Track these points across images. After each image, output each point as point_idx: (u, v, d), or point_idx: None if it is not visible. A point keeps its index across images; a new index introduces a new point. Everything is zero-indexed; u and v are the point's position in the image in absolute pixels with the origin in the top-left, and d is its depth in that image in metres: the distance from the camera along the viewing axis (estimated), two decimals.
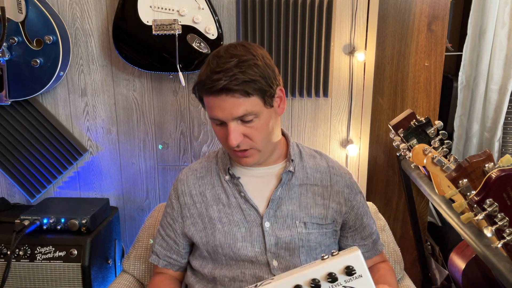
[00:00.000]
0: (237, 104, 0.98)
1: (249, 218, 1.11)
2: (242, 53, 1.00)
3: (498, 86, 1.89)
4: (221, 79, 0.96)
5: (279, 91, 1.07)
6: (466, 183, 0.91)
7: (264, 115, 1.03)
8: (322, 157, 1.21)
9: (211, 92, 0.99)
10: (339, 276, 0.82)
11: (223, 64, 0.97)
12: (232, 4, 1.63)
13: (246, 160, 1.08)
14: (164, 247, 1.20)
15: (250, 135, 1.03)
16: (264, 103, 1.02)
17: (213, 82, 0.97)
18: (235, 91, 0.97)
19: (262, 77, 1.00)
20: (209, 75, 0.98)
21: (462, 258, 1.67)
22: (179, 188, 1.19)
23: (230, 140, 1.01)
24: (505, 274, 0.89)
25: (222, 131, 1.04)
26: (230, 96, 0.97)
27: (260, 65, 1.00)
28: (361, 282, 0.82)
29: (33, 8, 1.55)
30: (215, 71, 0.97)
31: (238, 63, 0.98)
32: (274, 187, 1.13)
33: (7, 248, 1.50)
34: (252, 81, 0.98)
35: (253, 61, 0.99)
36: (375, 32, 1.63)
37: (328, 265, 0.83)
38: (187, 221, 1.15)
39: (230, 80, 0.96)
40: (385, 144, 1.82)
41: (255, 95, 1.00)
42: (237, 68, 0.97)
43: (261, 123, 1.03)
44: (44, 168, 1.79)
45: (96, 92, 1.74)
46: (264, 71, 1.00)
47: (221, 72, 0.96)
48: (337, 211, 1.14)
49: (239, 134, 1.01)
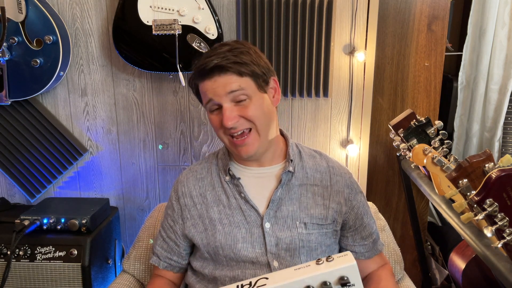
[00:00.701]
0: (230, 81, 1.01)
1: (250, 219, 1.11)
2: (234, 44, 1.06)
3: (498, 86, 1.89)
4: (213, 59, 1.00)
5: (273, 82, 1.10)
6: (466, 183, 0.91)
7: (258, 98, 1.05)
8: (322, 157, 1.21)
9: (205, 74, 1.02)
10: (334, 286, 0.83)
11: (216, 50, 1.03)
12: (232, 4, 1.63)
13: (246, 149, 1.06)
14: (165, 248, 1.20)
15: (245, 114, 1.03)
16: (258, 87, 1.05)
17: (206, 62, 1.01)
18: (227, 68, 1.00)
19: (253, 63, 1.04)
20: (201, 61, 1.03)
21: (462, 258, 1.67)
22: (179, 189, 1.19)
23: (225, 120, 1.01)
24: (505, 274, 0.89)
25: (217, 118, 1.05)
26: (223, 74, 1.01)
27: (252, 54, 1.05)
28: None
29: (33, 8, 1.55)
30: (208, 55, 1.03)
31: (230, 49, 1.03)
32: (274, 188, 1.13)
33: (7, 248, 1.50)
34: (244, 63, 1.02)
35: (245, 49, 1.05)
36: (375, 32, 1.63)
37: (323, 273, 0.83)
38: (188, 222, 1.15)
39: (222, 59, 1.00)
40: (385, 144, 1.82)
41: (247, 76, 1.03)
42: (229, 52, 1.02)
43: (256, 105, 1.04)
44: (44, 168, 1.79)
45: (96, 92, 1.74)
46: (255, 59, 1.05)
47: (213, 56, 1.01)
48: (337, 211, 1.14)
49: (234, 114, 1.03)
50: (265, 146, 1.10)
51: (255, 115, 1.04)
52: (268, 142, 1.10)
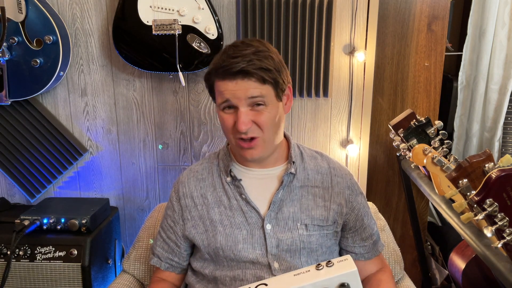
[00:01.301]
0: (252, 87, 1.00)
1: (251, 221, 1.10)
2: (258, 45, 1.04)
3: (498, 86, 1.89)
4: (239, 62, 0.99)
5: (287, 89, 1.10)
6: (466, 183, 0.91)
7: (273, 106, 1.05)
8: (323, 158, 1.21)
9: (227, 74, 1.00)
10: None
11: (240, 51, 1.00)
12: (232, 4, 1.63)
13: (251, 152, 1.06)
14: (166, 249, 1.20)
15: (259, 122, 1.03)
16: (276, 95, 1.05)
17: (230, 64, 0.99)
18: (252, 74, 0.99)
19: (276, 69, 1.03)
20: (226, 60, 1.00)
21: (462, 258, 1.67)
22: (180, 190, 1.18)
23: (240, 124, 1.01)
24: (505, 274, 0.89)
25: (230, 118, 1.04)
26: (246, 79, 1.00)
27: (275, 59, 1.04)
28: None
29: (33, 8, 1.55)
30: (232, 56, 1.00)
31: (255, 51, 1.01)
32: (275, 189, 1.13)
33: (7, 248, 1.50)
34: (267, 70, 1.01)
35: (268, 53, 1.03)
36: (375, 32, 1.63)
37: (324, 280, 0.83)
38: (188, 223, 1.15)
39: (248, 64, 0.99)
40: (385, 144, 1.82)
41: (269, 84, 1.02)
42: (254, 56, 1.00)
43: (271, 114, 1.04)
44: (44, 168, 1.79)
45: (96, 92, 1.74)
46: (277, 64, 1.04)
47: (239, 57, 0.99)
48: (338, 212, 1.13)
49: (248, 119, 1.02)
50: (270, 151, 1.11)
51: (267, 124, 1.04)
52: (273, 147, 1.11)
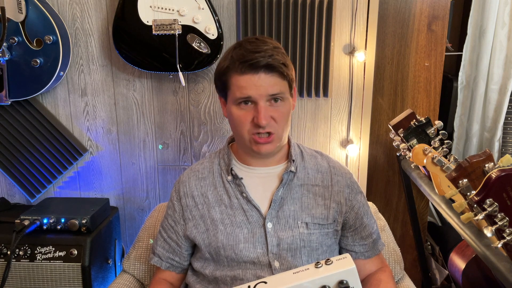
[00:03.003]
0: (274, 82, 1.02)
1: (252, 219, 1.11)
2: (273, 42, 1.05)
3: (498, 86, 1.89)
4: (263, 56, 0.99)
5: (293, 89, 1.12)
6: (466, 183, 0.91)
7: (288, 101, 1.07)
8: (323, 158, 1.21)
9: (251, 68, 1.00)
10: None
11: (260, 46, 1.01)
12: (232, 4, 1.63)
13: (267, 147, 1.06)
14: (167, 249, 1.19)
15: (277, 117, 1.04)
16: (290, 91, 1.07)
17: (255, 58, 0.99)
18: (275, 69, 1.01)
19: (290, 66, 1.06)
20: (248, 55, 1.00)
21: (462, 258, 1.67)
22: (180, 189, 1.18)
23: (261, 119, 1.01)
24: (505, 274, 0.89)
25: (247, 115, 1.04)
26: (270, 75, 1.01)
27: (287, 58, 1.07)
28: None
29: (33, 8, 1.55)
30: (253, 50, 1.00)
31: (273, 47, 1.02)
32: (275, 188, 1.13)
33: (7, 248, 1.50)
34: (286, 66, 1.04)
35: (283, 50, 1.06)
36: (375, 32, 1.63)
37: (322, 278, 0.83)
38: (189, 223, 1.15)
39: (272, 58, 1.00)
40: (385, 144, 1.82)
41: (286, 80, 1.05)
42: (274, 51, 1.01)
43: (286, 109, 1.06)
44: (44, 168, 1.79)
45: (96, 92, 1.74)
46: (290, 63, 1.08)
47: (261, 52, 0.99)
48: (338, 210, 1.14)
49: (268, 115, 1.03)
50: (280, 148, 1.13)
51: (283, 119, 1.06)
52: (283, 144, 1.12)
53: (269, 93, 1.01)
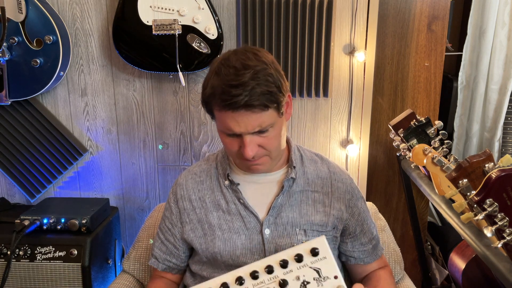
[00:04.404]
0: (255, 118, 0.96)
1: (249, 225, 1.10)
2: (255, 63, 0.97)
3: (498, 86, 1.89)
4: (241, 94, 0.92)
5: (287, 97, 1.05)
6: (466, 183, 0.91)
7: (278, 124, 1.02)
8: (323, 162, 1.19)
9: (229, 108, 0.95)
10: (305, 256, 0.92)
11: (239, 77, 0.93)
12: (232, 4, 1.63)
13: (257, 168, 1.06)
14: (164, 251, 1.19)
15: (265, 145, 1.01)
16: (278, 113, 1.01)
17: (232, 97, 0.93)
18: (255, 106, 0.95)
19: (276, 86, 0.97)
20: (226, 89, 0.94)
21: (462, 258, 1.67)
22: (178, 192, 1.17)
23: (247, 152, 0.98)
24: (505, 274, 0.89)
25: (234, 143, 1.01)
26: (250, 111, 0.95)
27: (273, 74, 0.98)
28: (325, 263, 0.92)
29: (33, 8, 1.55)
30: (231, 84, 0.93)
31: (253, 75, 0.94)
32: (275, 194, 1.11)
33: (7, 248, 1.50)
34: (269, 93, 0.96)
35: (267, 70, 0.97)
36: (375, 32, 1.63)
37: (296, 248, 0.94)
38: (187, 226, 1.14)
39: (250, 95, 0.93)
40: (385, 144, 1.82)
41: (272, 108, 0.97)
42: (254, 81, 0.94)
43: (275, 133, 1.02)
44: (44, 168, 1.79)
45: (96, 92, 1.74)
46: (276, 80, 0.98)
47: (240, 87, 0.93)
48: (338, 217, 1.12)
49: (255, 145, 0.99)
50: (276, 162, 1.11)
51: (273, 145, 1.02)
52: (279, 157, 1.11)
53: (252, 130, 0.97)
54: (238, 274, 0.92)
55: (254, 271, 0.92)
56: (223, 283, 0.92)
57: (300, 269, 0.91)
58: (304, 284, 0.89)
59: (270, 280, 0.91)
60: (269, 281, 0.91)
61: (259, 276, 0.92)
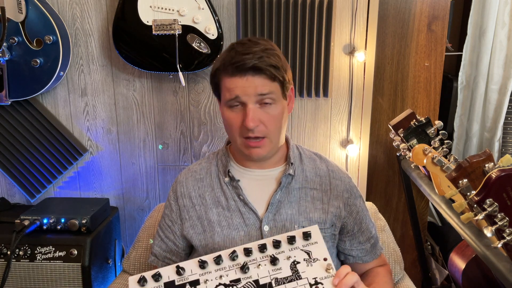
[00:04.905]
0: (262, 83, 1.01)
1: (248, 222, 1.10)
2: (265, 43, 1.04)
3: (498, 86, 1.89)
4: (251, 58, 0.99)
5: (290, 90, 1.10)
6: (466, 183, 0.91)
7: (280, 104, 1.05)
8: (322, 161, 1.20)
9: (238, 71, 1.00)
10: (298, 239, 0.97)
11: (250, 48, 1.01)
12: (232, 4, 1.63)
13: (258, 151, 1.06)
14: (164, 248, 1.19)
15: (266, 121, 1.03)
16: (282, 93, 1.05)
17: (242, 60, 0.99)
18: (263, 71, 1.00)
19: (283, 68, 1.04)
20: (236, 56, 1.00)
21: (462, 258, 1.67)
22: (178, 190, 1.18)
23: (248, 121, 1.00)
24: (505, 274, 0.89)
25: (238, 117, 1.04)
26: (257, 76, 1.00)
27: (281, 58, 1.05)
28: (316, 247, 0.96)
29: (33, 8, 1.55)
30: (242, 52, 1.00)
31: (264, 49, 1.01)
32: (273, 191, 1.12)
33: (7, 248, 1.50)
34: (276, 67, 1.02)
35: (276, 52, 1.04)
36: (375, 32, 1.63)
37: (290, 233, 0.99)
38: (186, 223, 1.15)
39: (260, 60, 0.99)
40: (385, 144, 1.82)
41: (277, 82, 1.03)
42: (264, 53, 1.01)
43: (277, 111, 1.04)
44: (44, 168, 1.79)
45: (96, 92, 1.74)
46: (284, 64, 1.06)
47: (250, 54, 0.99)
48: (336, 215, 1.13)
49: (257, 117, 1.02)
50: (274, 151, 1.12)
51: (274, 122, 1.04)
52: (277, 148, 1.11)
53: (257, 92, 1.01)
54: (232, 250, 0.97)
55: (247, 248, 0.97)
56: (217, 255, 0.96)
57: (292, 251, 0.96)
58: (294, 263, 0.93)
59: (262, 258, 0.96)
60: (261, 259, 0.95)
61: (252, 253, 0.97)
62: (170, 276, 0.96)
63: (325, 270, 0.92)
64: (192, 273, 0.96)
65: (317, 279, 0.90)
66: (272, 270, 0.93)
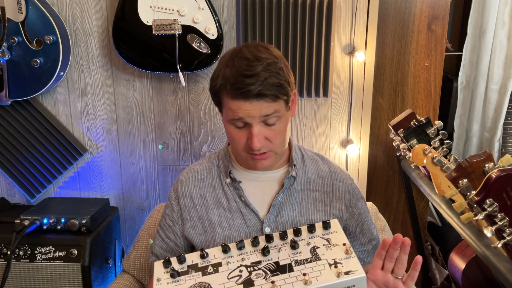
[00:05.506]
0: (266, 106, 0.98)
1: (250, 223, 1.10)
2: (267, 56, 0.99)
3: (498, 86, 1.89)
4: (254, 84, 0.95)
5: (293, 95, 1.08)
6: (466, 183, 0.91)
7: (285, 118, 1.04)
8: (324, 162, 1.20)
9: (242, 96, 0.97)
10: (318, 229, 1.01)
11: (252, 68, 0.96)
12: (232, 4, 1.63)
13: (263, 163, 1.06)
14: (164, 248, 1.19)
15: (272, 138, 1.02)
16: (286, 107, 1.03)
17: (246, 86, 0.95)
18: (267, 96, 0.97)
19: (286, 81, 1.00)
20: (239, 79, 0.96)
21: (462, 258, 1.66)
22: (179, 189, 1.18)
23: (254, 143, 0.99)
24: (505, 274, 0.89)
25: (242, 134, 1.02)
26: (261, 100, 0.97)
27: (284, 69, 1.01)
28: (335, 235, 0.99)
29: (33, 8, 1.55)
30: (245, 74, 0.96)
31: (266, 66, 0.97)
32: (275, 193, 1.12)
33: (7, 248, 1.50)
34: (280, 86, 0.98)
35: (278, 64, 1.00)
36: (375, 32, 1.63)
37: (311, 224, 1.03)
38: (187, 223, 1.14)
39: (264, 85, 0.96)
40: (385, 144, 1.82)
41: (281, 99, 1.00)
42: (266, 72, 0.97)
43: (282, 126, 1.03)
44: (44, 168, 1.79)
45: (96, 92, 1.74)
46: (286, 75, 1.02)
47: (254, 76, 0.95)
48: (338, 217, 1.13)
49: (262, 137, 1.01)
50: (279, 159, 1.12)
51: (278, 137, 1.03)
52: (282, 156, 1.12)
53: (262, 114, 0.98)
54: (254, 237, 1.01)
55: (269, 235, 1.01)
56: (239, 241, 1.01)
57: (312, 238, 1.00)
58: (314, 248, 0.97)
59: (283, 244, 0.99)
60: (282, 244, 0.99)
61: (273, 239, 1.00)
62: (194, 260, 1.00)
63: (344, 253, 0.94)
64: (215, 257, 1.00)
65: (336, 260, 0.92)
66: (292, 253, 0.97)
